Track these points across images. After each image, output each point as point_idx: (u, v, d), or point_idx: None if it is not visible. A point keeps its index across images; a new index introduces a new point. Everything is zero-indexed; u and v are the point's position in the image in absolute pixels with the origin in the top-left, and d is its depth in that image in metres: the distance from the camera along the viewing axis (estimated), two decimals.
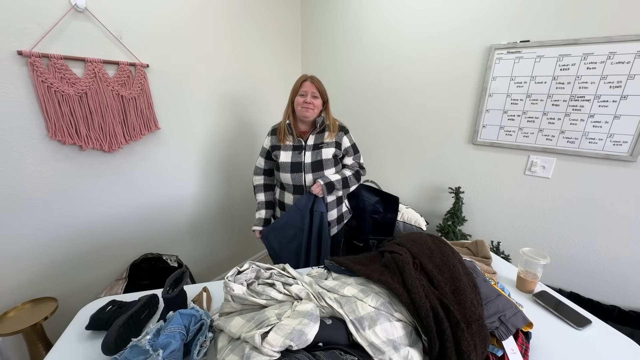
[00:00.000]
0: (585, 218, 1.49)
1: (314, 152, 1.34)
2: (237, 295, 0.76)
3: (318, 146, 1.34)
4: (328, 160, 1.35)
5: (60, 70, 1.16)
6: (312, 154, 1.34)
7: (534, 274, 1.01)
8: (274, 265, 0.90)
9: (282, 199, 1.44)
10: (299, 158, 1.34)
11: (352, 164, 1.43)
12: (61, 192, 1.27)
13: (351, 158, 1.42)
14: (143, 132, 1.46)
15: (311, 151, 1.34)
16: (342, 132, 1.39)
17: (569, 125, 1.43)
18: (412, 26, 1.81)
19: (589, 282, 1.54)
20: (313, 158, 1.33)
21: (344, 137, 1.39)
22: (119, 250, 1.51)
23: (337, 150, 1.37)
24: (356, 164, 1.44)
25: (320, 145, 1.34)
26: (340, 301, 0.78)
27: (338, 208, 1.45)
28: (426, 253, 0.86)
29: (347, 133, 1.41)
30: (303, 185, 1.35)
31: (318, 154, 1.34)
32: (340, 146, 1.38)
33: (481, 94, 1.64)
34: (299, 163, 1.33)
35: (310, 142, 1.35)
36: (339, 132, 1.38)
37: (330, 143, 1.36)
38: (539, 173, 1.56)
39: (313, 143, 1.35)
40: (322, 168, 1.34)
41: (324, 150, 1.34)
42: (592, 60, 1.33)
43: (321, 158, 1.33)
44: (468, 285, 0.78)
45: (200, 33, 1.65)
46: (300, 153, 1.34)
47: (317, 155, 1.33)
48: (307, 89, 1.29)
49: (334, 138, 1.36)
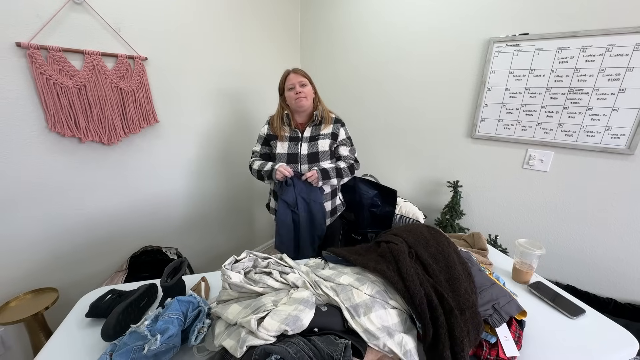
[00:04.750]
0: (582, 211, 1.50)
1: (311, 144, 1.35)
2: (234, 283, 0.77)
3: (315, 138, 1.35)
4: (324, 152, 1.35)
5: (59, 62, 1.17)
6: (309, 145, 1.35)
7: (529, 265, 1.02)
8: (271, 255, 0.91)
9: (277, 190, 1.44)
10: (295, 149, 1.34)
11: (348, 155, 1.42)
12: (61, 184, 1.28)
13: (347, 149, 1.42)
14: (142, 125, 1.46)
15: (307, 143, 1.35)
16: (339, 123, 1.40)
17: (567, 119, 1.43)
18: (410, 20, 1.80)
19: (585, 275, 1.55)
20: (309, 149, 1.34)
21: (340, 129, 1.40)
22: (119, 243, 1.52)
23: (333, 142, 1.38)
24: (352, 157, 1.44)
25: (316, 137, 1.35)
26: (336, 289, 0.79)
27: (332, 200, 1.46)
28: (422, 243, 0.87)
29: (344, 125, 1.42)
30: None
31: (315, 145, 1.34)
32: (336, 137, 1.39)
33: (480, 88, 1.64)
34: (295, 154, 1.34)
35: (307, 134, 1.36)
36: (334, 124, 1.39)
37: (327, 135, 1.36)
38: (537, 167, 1.57)
39: (310, 135, 1.36)
40: (318, 160, 1.35)
41: (320, 142, 1.35)
42: (590, 52, 1.33)
43: (317, 150, 1.34)
44: (462, 274, 0.79)
45: (199, 27, 1.65)
46: (297, 144, 1.35)
47: (313, 146, 1.34)
48: (293, 80, 1.31)
49: (330, 129, 1.37)
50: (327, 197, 1.42)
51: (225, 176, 2.01)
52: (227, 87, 1.89)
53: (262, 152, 1.46)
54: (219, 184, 1.97)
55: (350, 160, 1.43)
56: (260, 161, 1.42)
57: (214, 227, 2.03)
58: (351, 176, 1.42)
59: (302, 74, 1.33)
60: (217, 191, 1.97)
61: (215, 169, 1.92)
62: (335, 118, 1.40)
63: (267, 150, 1.46)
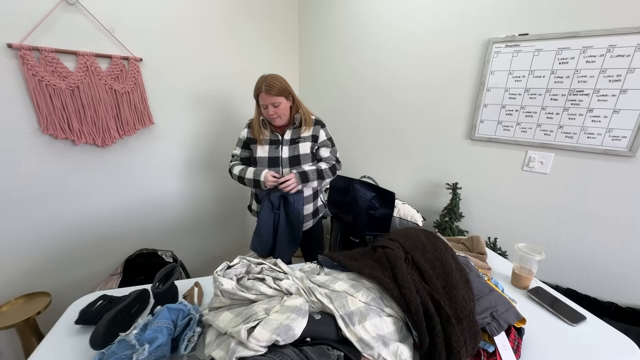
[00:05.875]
0: (583, 214, 1.48)
1: (292, 147, 1.34)
2: (226, 290, 0.75)
3: (295, 141, 1.34)
4: (306, 155, 1.35)
5: (51, 64, 1.15)
6: (290, 148, 1.33)
7: (528, 270, 1.00)
8: (265, 260, 0.89)
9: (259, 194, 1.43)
10: (276, 153, 1.33)
11: (329, 156, 1.40)
12: (54, 187, 1.27)
13: (328, 150, 1.40)
14: (137, 127, 1.45)
15: (288, 146, 1.34)
16: (319, 125, 1.39)
17: (567, 120, 1.41)
18: (409, 20, 1.78)
19: (586, 279, 1.53)
20: (291, 153, 1.33)
21: (320, 131, 1.38)
22: (113, 246, 1.51)
23: (314, 144, 1.37)
24: (333, 157, 1.42)
25: (297, 140, 1.34)
26: (330, 296, 0.77)
27: (314, 202, 1.46)
28: (419, 248, 0.86)
29: (324, 127, 1.41)
30: None
31: (295, 148, 1.33)
32: (317, 139, 1.38)
33: (479, 89, 1.62)
34: (276, 158, 1.33)
35: (288, 137, 1.34)
36: (315, 126, 1.37)
37: (307, 137, 1.35)
38: (537, 169, 1.55)
39: (290, 137, 1.34)
40: (299, 163, 1.34)
41: (301, 145, 1.34)
42: (591, 53, 1.31)
43: (299, 153, 1.33)
44: (460, 281, 0.77)
45: (196, 27, 1.63)
46: (278, 148, 1.33)
47: (294, 150, 1.33)
48: (265, 101, 1.25)
49: (311, 132, 1.36)
50: (309, 200, 1.42)
51: (222, 179, 1.98)
52: (225, 89, 1.87)
53: (242, 156, 1.45)
54: (216, 186, 1.95)
55: (331, 161, 1.41)
56: (240, 166, 1.40)
57: (211, 230, 2.01)
58: (333, 177, 1.41)
59: (275, 92, 1.23)
60: (214, 193, 1.96)
61: (211, 171, 1.90)
62: (315, 120, 1.39)
63: (247, 154, 1.44)
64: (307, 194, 1.41)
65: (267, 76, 1.27)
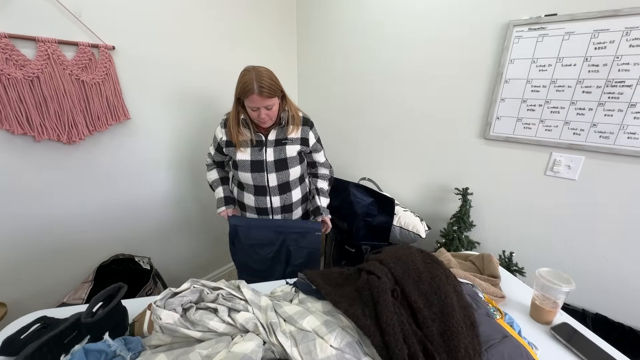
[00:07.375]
0: (617, 229, 1.25)
1: (277, 149, 1.18)
2: (166, 325, 0.61)
3: (281, 142, 1.18)
4: (293, 158, 1.20)
5: (5, 51, 1.03)
6: (275, 150, 1.18)
7: (553, 302, 0.81)
8: (225, 284, 0.74)
9: (242, 199, 1.30)
10: (259, 156, 1.18)
11: (325, 162, 1.35)
12: (14, 187, 1.15)
13: (322, 155, 1.34)
14: (110, 122, 1.32)
15: (273, 147, 1.18)
16: (307, 126, 1.23)
17: (602, 117, 1.19)
18: (414, 4, 1.58)
19: (619, 304, 1.30)
20: (276, 156, 1.18)
21: (310, 133, 1.23)
22: (85, 251, 1.39)
23: (303, 147, 1.23)
24: (327, 164, 1.36)
25: (283, 142, 1.18)
26: (296, 337, 0.61)
27: (302, 206, 1.36)
28: (412, 276, 0.68)
29: (312, 127, 1.25)
30: (266, 185, 1.21)
31: (282, 151, 1.18)
32: (307, 142, 1.23)
33: (496, 80, 1.40)
34: (260, 161, 1.18)
35: (272, 137, 1.18)
36: (303, 127, 1.21)
37: (295, 139, 1.20)
38: (563, 174, 1.33)
39: (275, 138, 1.18)
40: (286, 167, 1.20)
41: (288, 147, 1.19)
42: (636, 36, 1.08)
43: (285, 156, 1.18)
44: (464, 324, 0.59)
45: (179, 15, 1.48)
46: (261, 150, 1.18)
47: (280, 152, 1.18)
48: (257, 104, 1.06)
49: (299, 134, 1.20)
50: (297, 204, 1.32)
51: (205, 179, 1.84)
52: (212, 85, 1.71)
53: (215, 159, 1.33)
54: (198, 188, 1.79)
55: (326, 168, 1.37)
56: (214, 174, 1.35)
57: (193, 235, 1.86)
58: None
59: (269, 94, 1.05)
60: (196, 196, 1.80)
61: (195, 170, 1.75)
62: (303, 119, 1.22)
63: (221, 159, 1.32)
64: (296, 198, 1.30)
65: (258, 73, 1.05)
